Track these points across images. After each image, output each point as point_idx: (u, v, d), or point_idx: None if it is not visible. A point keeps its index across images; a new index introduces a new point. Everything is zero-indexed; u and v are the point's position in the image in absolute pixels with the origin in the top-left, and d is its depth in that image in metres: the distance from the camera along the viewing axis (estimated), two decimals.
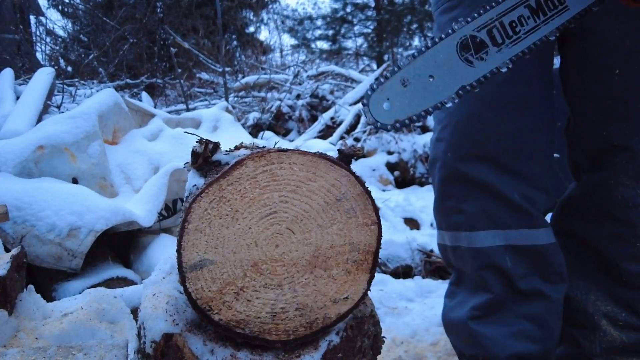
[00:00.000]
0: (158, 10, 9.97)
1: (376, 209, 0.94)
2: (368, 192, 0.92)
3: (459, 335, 1.32)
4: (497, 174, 1.20)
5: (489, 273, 1.23)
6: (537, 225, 1.23)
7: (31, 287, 1.40)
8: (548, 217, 1.39)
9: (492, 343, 1.21)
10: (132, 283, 2.09)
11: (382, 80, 1.00)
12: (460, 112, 1.21)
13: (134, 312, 1.50)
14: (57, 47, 8.85)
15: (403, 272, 3.26)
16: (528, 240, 1.22)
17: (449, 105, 1.01)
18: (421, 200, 4.36)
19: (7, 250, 1.80)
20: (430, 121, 5.82)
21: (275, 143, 1.11)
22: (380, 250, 0.95)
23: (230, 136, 3.35)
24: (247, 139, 3.34)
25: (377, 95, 0.99)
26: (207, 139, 0.92)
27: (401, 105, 0.99)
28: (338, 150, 0.96)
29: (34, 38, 7.87)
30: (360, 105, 5.95)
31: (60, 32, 9.24)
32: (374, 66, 13.14)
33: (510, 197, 1.19)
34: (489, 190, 1.20)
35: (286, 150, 0.86)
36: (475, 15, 1.01)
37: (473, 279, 1.28)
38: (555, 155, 1.39)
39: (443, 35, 1.01)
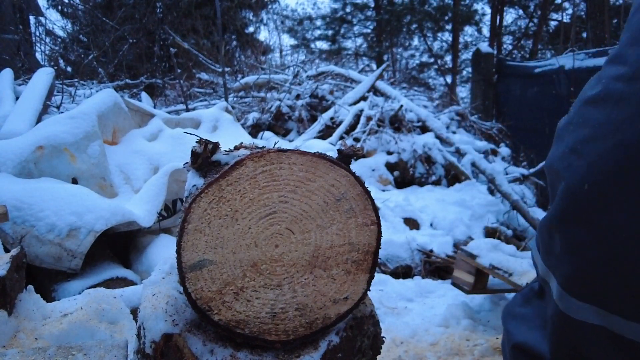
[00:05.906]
0: (158, 11, 9.99)
1: (376, 209, 0.94)
2: (367, 192, 0.92)
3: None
4: None
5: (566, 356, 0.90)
6: None
7: (31, 287, 1.40)
8: None
9: None
10: (132, 283, 2.09)
11: None
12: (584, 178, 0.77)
13: (134, 312, 1.50)
14: (57, 48, 8.86)
15: (403, 272, 3.26)
16: (638, 336, 0.84)
17: None
18: (421, 200, 4.35)
19: (7, 250, 1.80)
20: (430, 121, 5.81)
21: (275, 143, 1.11)
22: (379, 250, 0.95)
23: (230, 136, 3.35)
24: (247, 139, 3.34)
25: None
26: (206, 139, 0.92)
27: None
28: (337, 150, 0.96)
29: (34, 38, 7.87)
30: (360, 105, 5.95)
31: (60, 33, 9.26)
32: (374, 66, 13.16)
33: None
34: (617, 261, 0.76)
35: (285, 151, 0.86)
36: None
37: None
38: None
39: None
